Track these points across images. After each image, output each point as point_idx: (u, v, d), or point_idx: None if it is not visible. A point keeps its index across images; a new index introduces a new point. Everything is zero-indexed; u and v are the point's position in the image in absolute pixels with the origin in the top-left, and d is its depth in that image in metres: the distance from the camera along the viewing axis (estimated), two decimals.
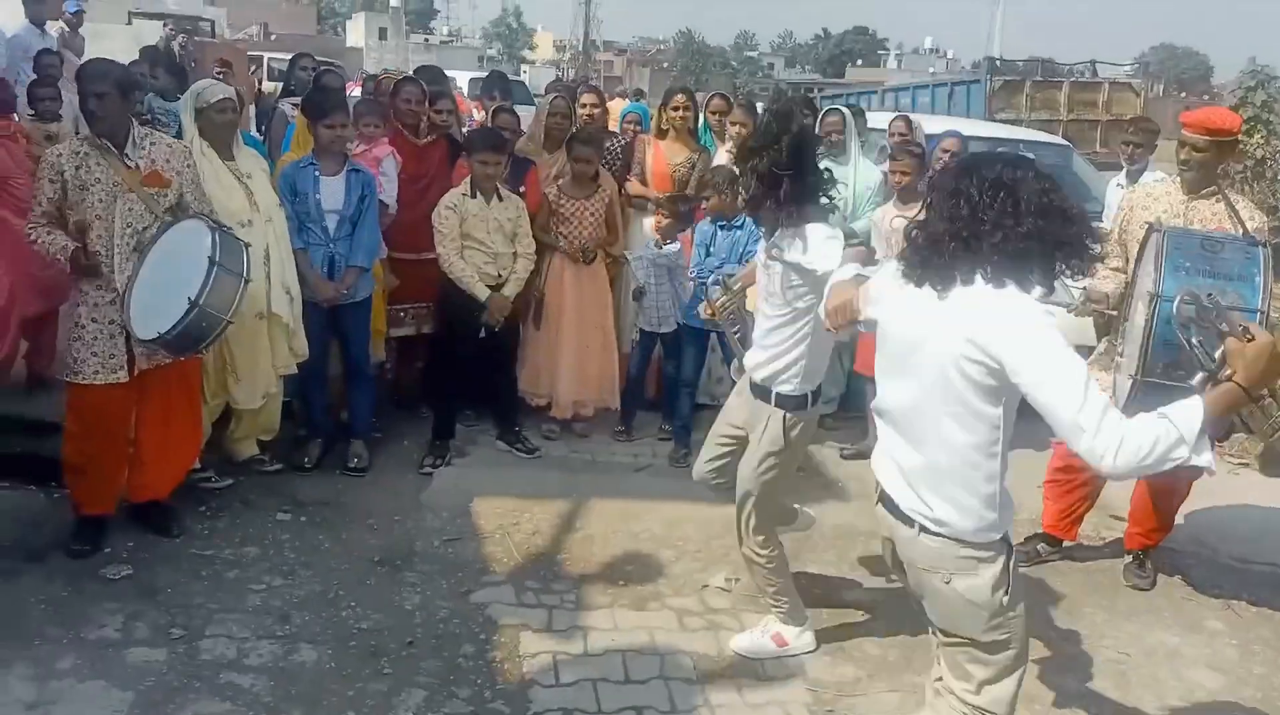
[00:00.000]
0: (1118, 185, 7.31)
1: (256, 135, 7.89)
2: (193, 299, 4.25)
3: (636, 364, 6.50)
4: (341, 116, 5.46)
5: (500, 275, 5.77)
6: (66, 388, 4.57)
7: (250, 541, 4.81)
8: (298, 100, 7.02)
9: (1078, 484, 5.00)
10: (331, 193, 5.42)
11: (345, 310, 5.54)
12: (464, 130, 7.13)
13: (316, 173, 5.40)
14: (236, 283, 4.41)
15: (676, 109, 6.88)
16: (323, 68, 8.56)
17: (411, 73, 7.71)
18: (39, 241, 4.42)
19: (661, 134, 6.96)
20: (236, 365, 5.20)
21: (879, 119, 9.55)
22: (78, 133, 5.53)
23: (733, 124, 6.95)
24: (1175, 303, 4.05)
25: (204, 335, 4.41)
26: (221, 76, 8.07)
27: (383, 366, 6.35)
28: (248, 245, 4.57)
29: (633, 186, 6.76)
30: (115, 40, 16.12)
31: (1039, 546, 5.14)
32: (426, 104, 6.33)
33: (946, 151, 6.59)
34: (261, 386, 5.31)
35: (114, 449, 4.62)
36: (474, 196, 5.67)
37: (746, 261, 5.15)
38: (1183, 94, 55.21)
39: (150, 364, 4.53)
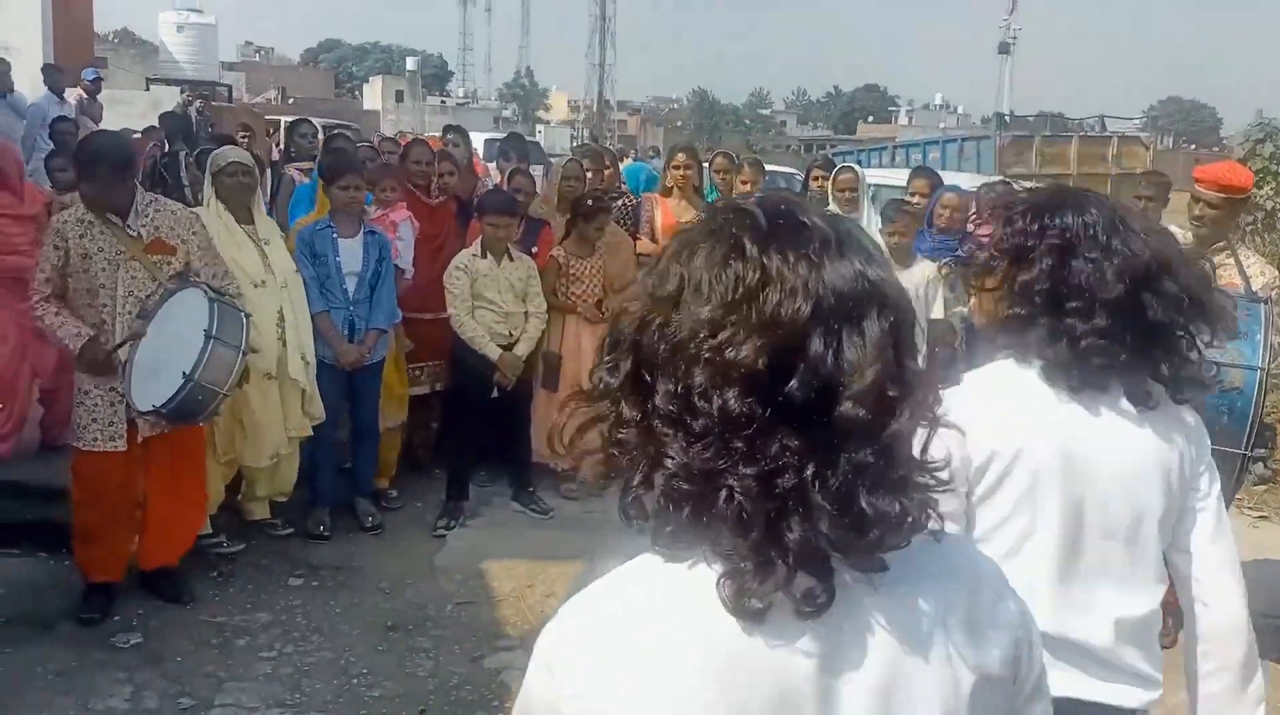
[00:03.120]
0: None
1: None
2: (187, 373, 4.22)
3: None
4: (354, 178, 5.48)
5: (512, 334, 5.78)
6: (72, 454, 4.56)
7: (261, 607, 4.77)
8: (302, 165, 7.08)
9: None
10: (350, 255, 5.44)
11: (359, 372, 5.52)
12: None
13: (334, 235, 5.42)
14: (234, 356, 4.38)
15: (678, 168, 6.97)
16: (335, 130, 8.67)
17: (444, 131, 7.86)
18: (47, 321, 4.40)
19: (667, 192, 7.01)
20: (244, 423, 5.17)
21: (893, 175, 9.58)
22: None
23: (743, 182, 7.00)
24: None
25: (200, 408, 4.38)
26: (245, 141, 8.15)
27: (403, 427, 6.32)
28: (248, 315, 4.55)
29: (642, 244, 6.77)
30: (134, 106, 16.40)
31: None
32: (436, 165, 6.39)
33: (947, 208, 6.41)
34: (270, 446, 5.25)
35: (120, 515, 4.58)
36: (484, 257, 5.70)
37: None
38: (1192, 147, 55.51)
39: (154, 431, 4.51)
